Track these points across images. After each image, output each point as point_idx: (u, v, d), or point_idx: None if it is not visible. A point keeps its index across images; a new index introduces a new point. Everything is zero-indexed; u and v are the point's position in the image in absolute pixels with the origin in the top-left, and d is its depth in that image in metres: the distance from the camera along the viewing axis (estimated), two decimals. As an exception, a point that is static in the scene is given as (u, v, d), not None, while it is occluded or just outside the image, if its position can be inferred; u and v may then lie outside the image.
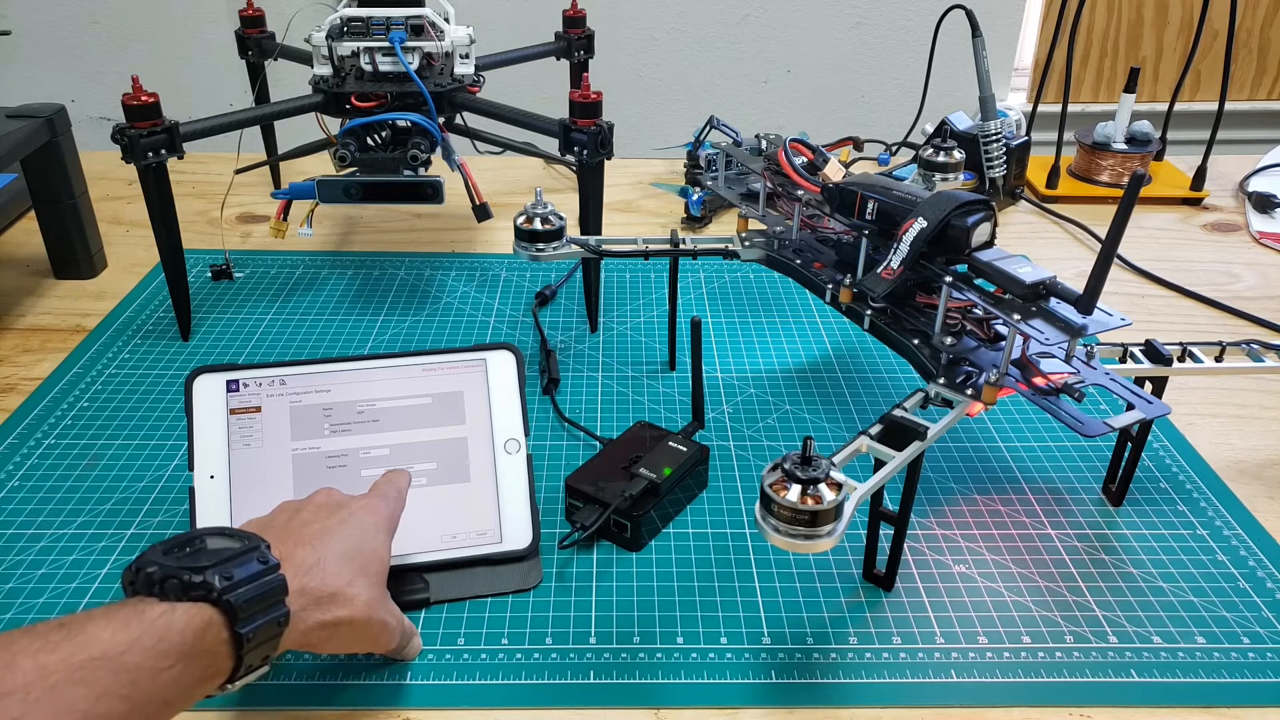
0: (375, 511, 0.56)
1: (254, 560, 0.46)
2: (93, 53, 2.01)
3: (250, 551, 0.46)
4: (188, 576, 0.43)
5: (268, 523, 0.54)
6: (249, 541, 0.47)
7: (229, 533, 0.48)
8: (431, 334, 0.94)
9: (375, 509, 0.56)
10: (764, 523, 0.51)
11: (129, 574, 0.45)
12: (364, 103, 0.89)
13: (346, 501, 0.56)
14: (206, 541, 0.47)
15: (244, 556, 0.46)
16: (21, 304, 0.98)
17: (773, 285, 1.03)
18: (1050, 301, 0.63)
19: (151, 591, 0.44)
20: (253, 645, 0.45)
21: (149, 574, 0.44)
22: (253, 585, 0.45)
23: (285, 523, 0.53)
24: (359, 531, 0.53)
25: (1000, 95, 1.97)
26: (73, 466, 0.75)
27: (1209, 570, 0.66)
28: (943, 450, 0.78)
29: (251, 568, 0.45)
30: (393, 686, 0.57)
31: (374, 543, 0.54)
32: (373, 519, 0.55)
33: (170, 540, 0.47)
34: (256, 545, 0.47)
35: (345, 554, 0.52)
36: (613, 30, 1.90)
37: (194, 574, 0.44)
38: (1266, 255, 1.12)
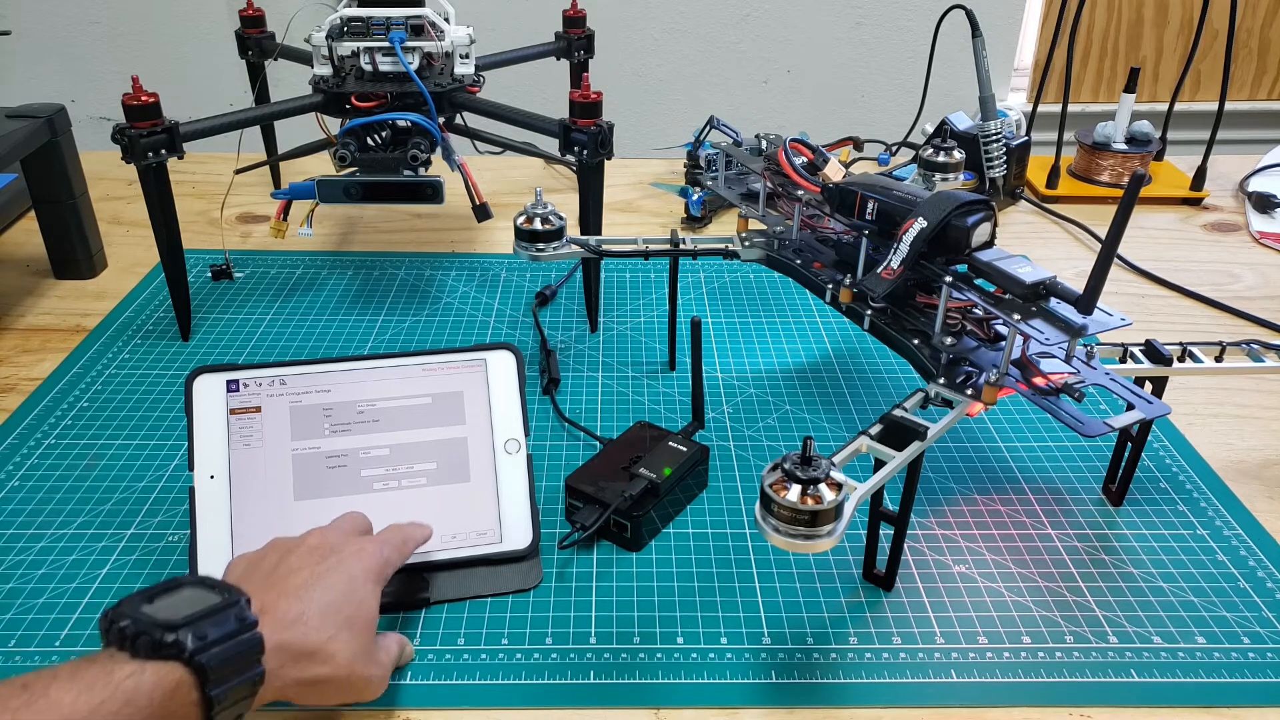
0: (366, 558, 0.54)
1: (231, 617, 0.45)
2: (93, 53, 2.01)
3: (228, 608, 0.45)
4: (160, 635, 0.42)
5: (256, 563, 0.53)
6: (228, 596, 0.46)
7: (210, 583, 0.47)
8: (431, 334, 0.94)
9: (366, 555, 0.54)
10: (764, 523, 0.51)
11: (105, 620, 0.44)
12: (364, 103, 0.89)
13: (339, 546, 0.54)
14: (185, 593, 0.46)
15: (221, 614, 0.44)
16: (21, 304, 0.98)
17: (773, 285, 1.03)
18: (1050, 301, 0.63)
19: (123, 646, 0.43)
20: (224, 707, 0.44)
21: (122, 628, 0.43)
22: (227, 645, 0.44)
23: (273, 567, 0.52)
24: (346, 580, 0.52)
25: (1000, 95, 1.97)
26: (73, 466, 0.75)
27: (1209, 570, 0.66)
28: (943, 450, 0.78)
29: (228, 625, 0.44)
30: (392, 686, 0.57)
31: (361, 592, 0.52)
32: (361, 566, 0.54)
33: (151, 589, 0.46)
34: (235, 601, 0.45)
35: (330, 605, 0.50)
36: (613, 30, 1.90)
37: (166, 632, 0.43)
38: (1266, 255, 1.12)
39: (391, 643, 0.56)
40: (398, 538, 0.59)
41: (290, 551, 0.54)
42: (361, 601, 0.52)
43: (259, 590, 0.49)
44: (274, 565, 0.53)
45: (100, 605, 0.63)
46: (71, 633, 0.61)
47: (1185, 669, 0.59)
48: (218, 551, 0.63)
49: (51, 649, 0.60)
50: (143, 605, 0.44)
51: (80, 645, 0.60)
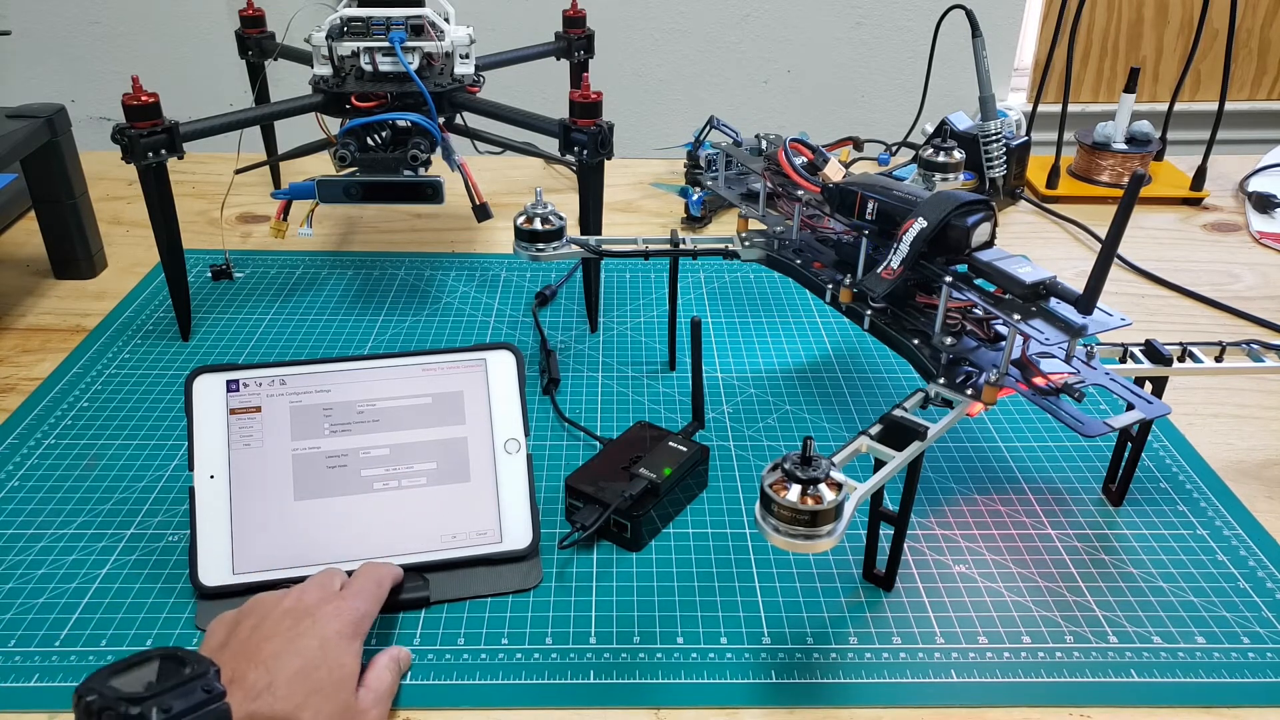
0: (341, 617, 0.55)
1: (197, 689, 0.44)
2: (93, 53, 2.01)
3: (195, 679, 0.45)
4: (124, 709, 0.42)
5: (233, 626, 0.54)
6: (197, 667, 0.46)
7: (179, 656, 0.47)
8: (431, 334, 0.94)
9: (342, 614, 0.55)
10: (764, 523, 0.51)
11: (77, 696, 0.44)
12: (364, 103, 0.89)
13: (313, 608, 0.55)
14: (153, 665, 0.46)
15: (187, 685, 0.44)
16: (21, 304, 0.98)
17: (773, 285, 1.03)
18: (1050, 301, 0.63)
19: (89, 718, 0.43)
20: None
21: (89, 703, 0.43)
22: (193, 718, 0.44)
23: (248, 634, 0.53)
24: (318, 644, 0.52)
25: (1000, 95, 1.97)
26: (73, 466, 0.75)
27: (1209, 570, 0.66)
28: (943, 450, 0.78)
29: (194, 698, 0.44)
30: (393, 686, 0.57)
31: (335, 653, 0.53)
32: (337, 626, 0.54)
33: (120, 662, 0.46)
34: (204, 672, 0.45)
35: (300, 672, 0.51)
36: (613, 30, 1.90)
37: (131, 705, 0.43)
38: (1266, 255, 1.12)
39: (384, 673, 0.56)
40: (371, 586, 0.59)
41: (266, 617, 0.54)
42: (335, 663, 0.52)
43: (230, 659, 0.50)
44: (249, 631, 0.53)
45: (100, 605, 0.63)
46: (71, 633, 0.61)
47: (1185, 669, 0.59)
48: (218, 551, 0.63)
49: (51, 649, 0.60)
50: (111, 679, 0.45)
51: (80, 645, 0.60)
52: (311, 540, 0.64)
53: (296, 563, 0.63)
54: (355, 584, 0.58)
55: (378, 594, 0.59)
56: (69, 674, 0.58)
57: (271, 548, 0.64)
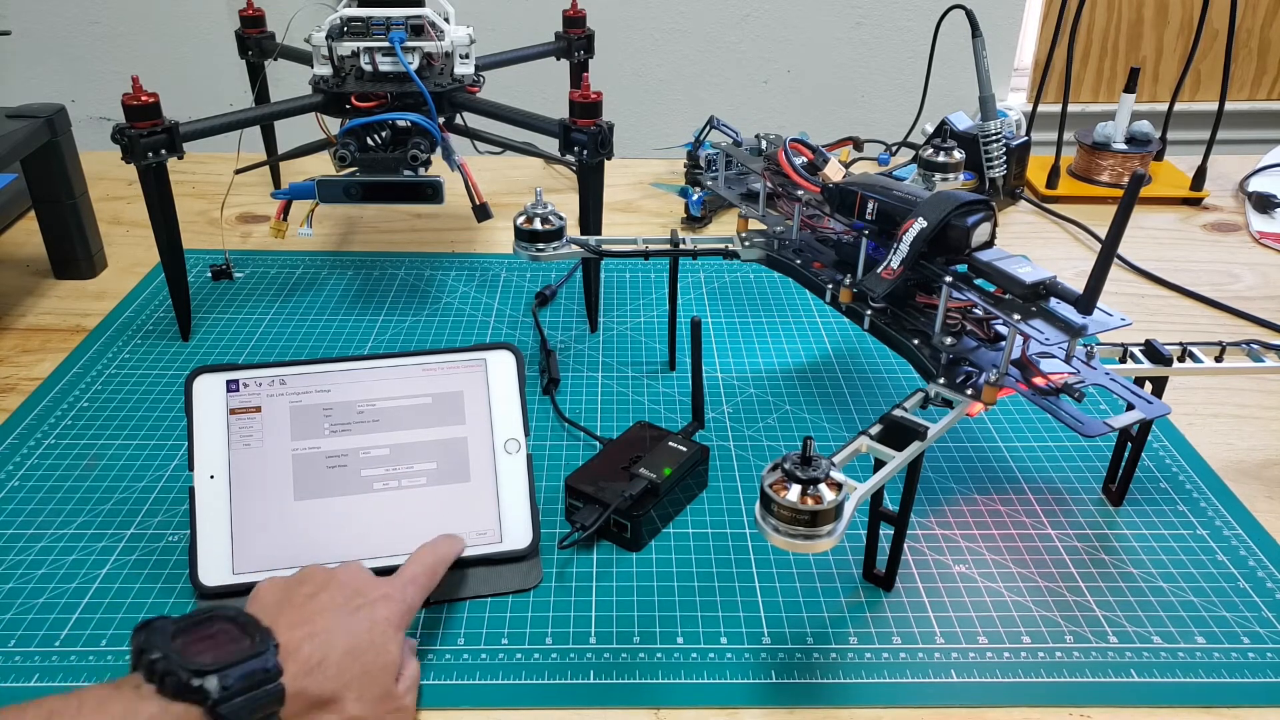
0: (392, 604, 0.55)
1: (258, 665, 0.46)
2: (93, 53, 2.01)
3: (257, 656, 0.46)
4: (186, 677, 0.44)
5: (289, 592, 0.54)
6: (258, 642, 0.47)
7: (243, 622, 0.48)
8: (431, 334, 0.94)
9: (392, 601, 0.55)
10: (764, 523, 0.51)
11: (136, 639, 0.46)
12: (364, 103, 0.89)
13: (367, 589, 0.55)
14: (217, 629, 0.47)
15: (248, 663, 0.46)
16: (21, 304, 0.98)
17: (773, 285, 1.03)
18: (1050, 301, 0.63)
19: (150, 679, 0.44)
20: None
21: (152, 661, 0.44)
22: (249, 697, 0.45)
23: (304, 601, 0.53)
24: (369, 626, 0.53)
25: (1000, 95, 1.97)
26: (73, 466, 0.75)
27: (1209, 570, 0.66)
28: (943, 450, 0.78)
29: (253, 673, 0.45)
30: (393, 686, 0.57)
31: (382, 639, 0.53)
32: (387, 613, 0.54)
33: (185, 619, 0.47)
34: (264, 649, 0.47)
35: (351, 652, 0.51)
36: (613, 30, 1.90)
37: (194, 676, 0.44)
38: (1266, 255, 1.12)
39: (412, 661, 0.56)
40: (425, 578, 0.58)
41: (324, 587, 0.54)
42: (383, 648, 0.53)
43: (287, 626, 0.50)
44: (305, 599, 0.53)
45: (100, 605, 0.63)
46: (71, 633, 0.61)
47: (1185, 669, 0.59)
48: (218, 551, 0.63)
49: (51, 649, 0.60)
50: (175, 638, 0.46)
51: (80, 645, 0.60)
52: (311, 540, 0.64)
53: (296, 563, 0.63)
54: (410, 570, 0.58)
55: (430, 585, 0.59)
56: (69, 674, 0.58)
57: (271, 548, 0.64)
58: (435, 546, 0.61)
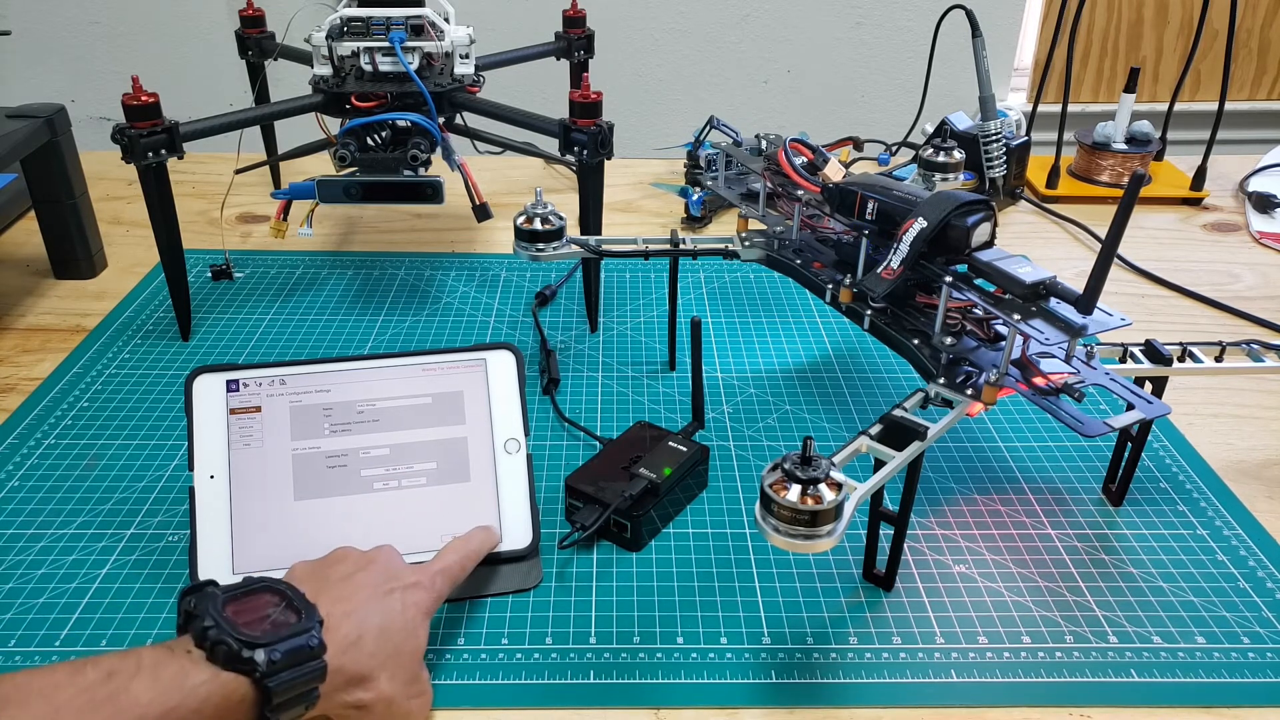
0: (422, 591, 0.55)
1: (303, 643, 0.47)
2: (93, 53, 2.01)
3: (303, 634, 0.47)
4: (238, 648, 0.45)
5: (325, 568, 0.55)
6: (305, 619, 0.48)
7: (290, 595, 0.49)
8: (431, 334, 0.94)
9: (422, 589, 0.56)
10: (764, 523, 0.51)
11: (186, 602, 0.47)
12: (364, 103, 0.89)
13: (401, 573, 0.56)
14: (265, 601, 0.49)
15: (295, 638, 0.47)
16: (21, 304, 0.98)
17: (773, 285, 1.03)
18: (1050, 301, 0.63)
19: (201, 644, 0.46)
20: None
21: (205, 629, 0.46)
22: (294, 671, 0.46)
23: (343, 578, 0.54)
24: (402, 611, 0.54)
25: (1000, 95, 1.97)
26: (73, 466, 0.75)
27: (1209, 570, 0.66)
28: (943, 450, 0.78)
29: (299, 650, 0.47)
30: (393, 686, 0.57)
31: (414, 624, 0.54)
32: (417, 599, 0.55)
33: (232, 588, 0.49)
34: (310, 626, 0.48)
35: (386, 631, 0.52)
36: (613, 30, 1.90)
37: (245, 648, 0.45)
38: (1266, 255, 1.12)
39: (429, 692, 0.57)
40: (456, 568, 0.59)
41: (360, 568, 0.55)
42: (412, 633, 0.54)
43: (328, 602, 0.51)
44: (343, 578, 0.54)
45: (100, 605, 0.63)
46: (71, 633, 0.61)
47: (1185, 669, 0.59)
48: (218, 551, 0.63)
49: (51, 649, 0.60)
50: (226, 607, 0.47)
51: (80, 645, 0.60)
52: (311, 540, 0.64)
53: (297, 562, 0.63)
54: (442, 561, 0.59)
55: (460, 578, 0.60)
56: (69, 674, 0.58)
57: (271, 548, 0.64)
58: (469, 539, 0.62)
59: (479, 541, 0.62)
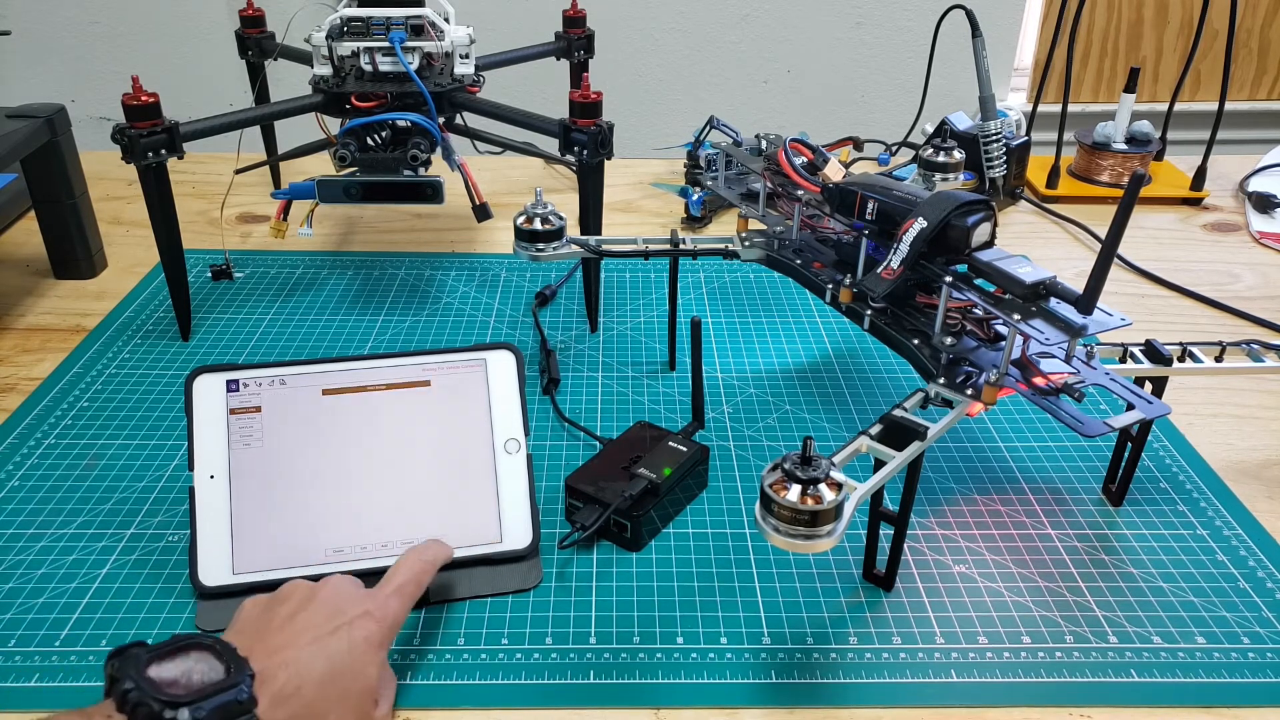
0: (372, 622, 0.54)
1: (232, 698, 0.45)
2: (93, 53, 2.01)
3: (231, 688, 0.45)
4: (159, 709, 0.43)
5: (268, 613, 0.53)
6: (234, 673, 0.46)
7: (219, 650, 0.47)
8: (431, 334, 0.94)
9: (373, 619, 0.54)
10: (764, 523, 0.51)
11: (110, 665, 0.45)
12: (364, 103, 0.89)
13: (347, 607, 0.54)
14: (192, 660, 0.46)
15: (222, 694, 0.45)
16: (21, 304, 0.98)
17: (773, 285, 1.03)
18: (1050, 301, 0.63)
19: (122, 708, 0.43)
20: None
21: (125, 691, 0.43)
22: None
23: (283, 624, 0.52)
24: (348, 648, 0.52)
25: (1000, 95, 1.97)
26: (73, 466, 0.75)
27: (1209, 570, 0.66)
28: (943, 450, 0.78)
29: (228, 705, 0.45)
30: (393, 686, 0.57)
31: (361, 662, 0.52)
32: (366, 633, 0.53)
33: (159, 647, 0.46)
34: (239, 681, 0.46)
35: (327, 677, 0.50)
36: (613, 30, 1.90)
37: (167, 708, 0.43)
38: (1266, 255, 1.12)
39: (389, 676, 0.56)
40: (411, 586, 0.58)
41: (303, 606, 0.53)
42: (361, 672, 0.52)
43: (263, 654, 0.49)
44: (284, 621, 0.52)
45: (100, 605, 0.63)
46: (71, 633, 0.61)
47: (1185, 669, 0.59)
48: (218, 551, 0.63)
49: (51, 649, 0.60)
50: (149, 668, 0.45)
51: (80, 645, 0.60)
52: (311, 540, 0.64)
53: (296, 563, 0.63)
54: (395, 580, 0.57)
55: (416, 594, 0.58)
56: (69, 674, 0.58)
57: (271, 548, 0.64)
58: (422, 552, 0.60)
59: (433, 553, 0.61)
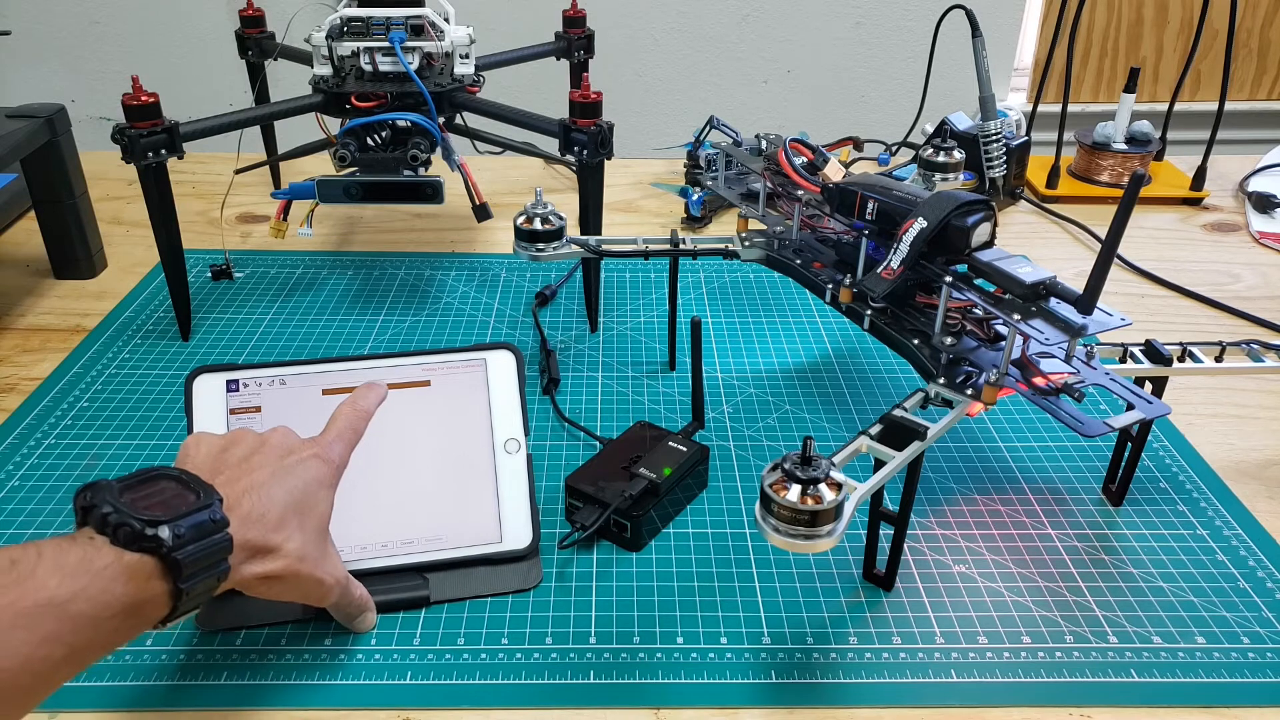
0: (324, 461, 0.56)
1: (205, 517, 0.47)
2: (93, 53, 2.01)
3: (204, 509, 0.47)
4: (140, 527, 0.44)
5: (224, 450, 0.54)
6: (204, 496, 0.47)
7: (186, 479, 0.48)
8: (431, 334, 0.94)
9: (321, 460, 0.56)
10: (764, 523, 0.51)
11: (82, 498, 0.46)
12: (364, 103, 0.89)
13: (298, 448, 0.56)
14: (162, 486, 0.48)
15: (197, 514, 0.46)
16: (21, 304, 0.98)
17: (773, 285, 1.03)
18: (1050, 301, 0.63)
19: (103, 531, 0.44)
20: (190, 598, 0.46)
21: (105, 514, 0.45)
22: (201, 545, 0.46)
23: (240, 460, 0.53)
24: (303, 481, 0.54)
25: (1000, 95, 1.97)
26: (73, 466, 0.75)
27: (1209, 570, 0.66)
28: (943, 450, 0.78)
29: (203, 524, 0.46)
30: (393, 686, 0.58)
31: (317, 495, 0.54)
32: (318, 470, 0.55)
33: (128, 478, 0.47)
34: (210, 502, 0.47)
35: (290, 504, 0.52)
36: (613, 30, 1.90)
37: (148, 526, 0.44)
38: (1266, 255, 1.12)
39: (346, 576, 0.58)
40: (350, 429, 0.59)
41: (255, 450, 0.54)
42: (316, 503, 0.54)
43: (226, 483, 0.51)
44: (241, 459, 0.54)
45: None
46: (71, 633, 0.61)
47: (1185, 669, 0.59)
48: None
49: (51, 649, 0.59)
50: (123, 495, 0.46)
51: (80, 645, 0.60)
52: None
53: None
54: (335, 428, 0.59)
55: (355, 441, 0.59)
56: (69, 674, 0.58)
57: (271, 548, 0.64)
58: (355, 400, 0.61)
59: (365, 399, 0.61)
